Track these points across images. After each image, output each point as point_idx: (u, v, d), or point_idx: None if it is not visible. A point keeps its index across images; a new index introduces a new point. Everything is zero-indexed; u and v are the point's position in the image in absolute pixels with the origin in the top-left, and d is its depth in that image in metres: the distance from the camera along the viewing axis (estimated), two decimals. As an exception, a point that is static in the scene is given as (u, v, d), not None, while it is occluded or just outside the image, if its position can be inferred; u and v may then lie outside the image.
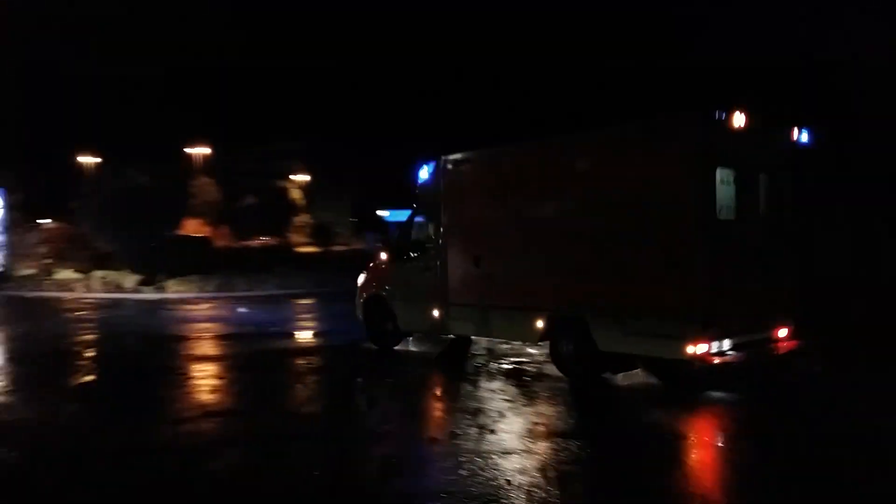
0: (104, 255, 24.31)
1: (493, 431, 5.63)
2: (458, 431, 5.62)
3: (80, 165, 44.62)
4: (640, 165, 6.99)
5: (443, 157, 9.20)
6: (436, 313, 9.16)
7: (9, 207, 22.79)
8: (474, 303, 8.68)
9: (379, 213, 38.09)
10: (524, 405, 6.57)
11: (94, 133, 40.30)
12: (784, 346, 7.41)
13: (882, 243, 12.85)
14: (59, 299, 18.71)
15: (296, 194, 36.17)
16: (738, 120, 6.80)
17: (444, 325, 9.15)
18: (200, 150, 42.99)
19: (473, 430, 5.64)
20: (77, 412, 6.89)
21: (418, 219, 9.91)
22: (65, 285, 21.80)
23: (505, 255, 8.35)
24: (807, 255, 8.41)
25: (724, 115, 6.75)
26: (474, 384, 7.58)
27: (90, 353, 11.02)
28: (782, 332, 7.41)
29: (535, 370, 8.24)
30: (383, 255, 10.39)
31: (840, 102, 15.25)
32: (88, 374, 9.37)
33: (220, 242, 32.20)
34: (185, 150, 42.28)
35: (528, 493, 4.21)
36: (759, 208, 7.38)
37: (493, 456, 4.94)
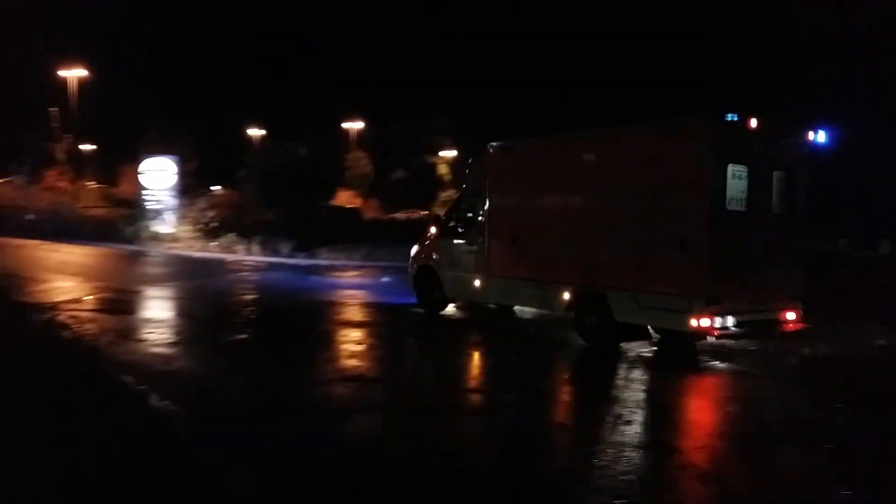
0: (264, 222, 25.85)
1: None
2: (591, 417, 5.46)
3: (248, 137, 47.86)
4: (659, 160, 7.85)
5: (489, 145, 10.21)
6: (478, 283, 10.24)
7: (182, 174, 24.84)
8: (511, 275, 9.73)
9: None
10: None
11: (261, 107, 42.88)
12: (791, 327, 8.17)
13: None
14: (222, 260, 20.15)
15: (443, 170, 36.60)
16: (751, 122, 7.62)
17: (485, 294, 10.30)
18: (355, 125, 44.58)
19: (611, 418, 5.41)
20: (227, 368, 7.21)
21: (466, 199, 11.01)
22: (227, 248, 23.46)
23: (539, 234, 9.37)
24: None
25: (736, 117, 7.50)
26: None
27: (246, 312, 11.71)
28: (790, 315, 8.12)
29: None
30: (433, 230, 11.45)
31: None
32: (242, 331, 9.89)
33: (370, 214, 33.34)
34: (342, 124, 43.99)
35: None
36: (772, 202, 8.18)
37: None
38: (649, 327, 8.29)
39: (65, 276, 14.53)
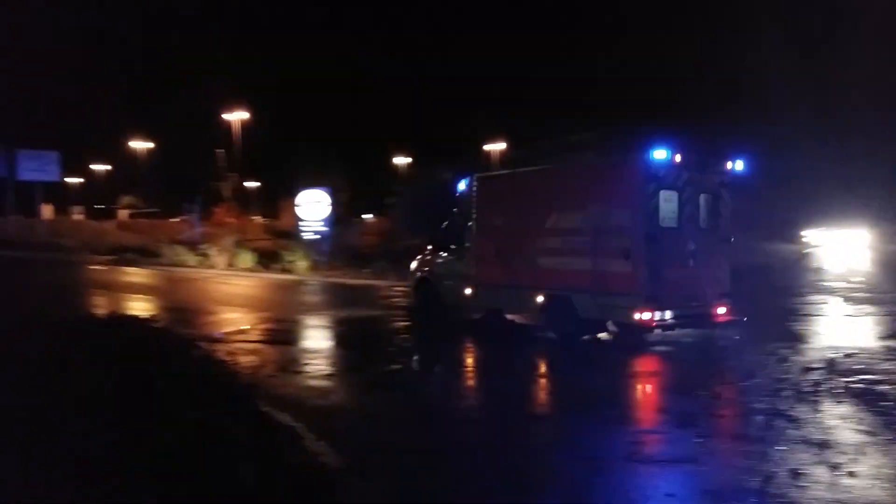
0: (411, 248, 26.25)
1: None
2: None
3: (395, 166, 49.24)
4: (607, 188, 10.07)
5: (475, 174, 12.49)
6: (468, 291, 12.23)
7: (335, 204, 25.87)
8: (495, 284, 11.74)
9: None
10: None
11: (407, 135, 44.01)
12: (720, 319, 10.28)
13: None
14: (373, 286, 20.56)
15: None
16: (677, 157, 9.61)
17: (475, 300, 12.27)
18: (497, 146, 44.56)
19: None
20: (380, 402, 7.07)
21: (457, 220, 12.83)
22: (380, 275, 24.02)
23: (516, 248, 11.32)
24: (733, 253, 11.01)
25: (666, 153, 9.41)
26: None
27: (399, 340, 11.78)
28: (721, 309, 10.25)
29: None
30: (430, 247, 13.66)
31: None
32: (396, 361, 9.84)
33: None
34: (484, 146, 44.14)
35: None
36: (700, 219, 10.31)
37: None
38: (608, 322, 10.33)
39: (231, 307, 15.39)
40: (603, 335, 10.50)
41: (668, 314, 9.62)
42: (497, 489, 4.67)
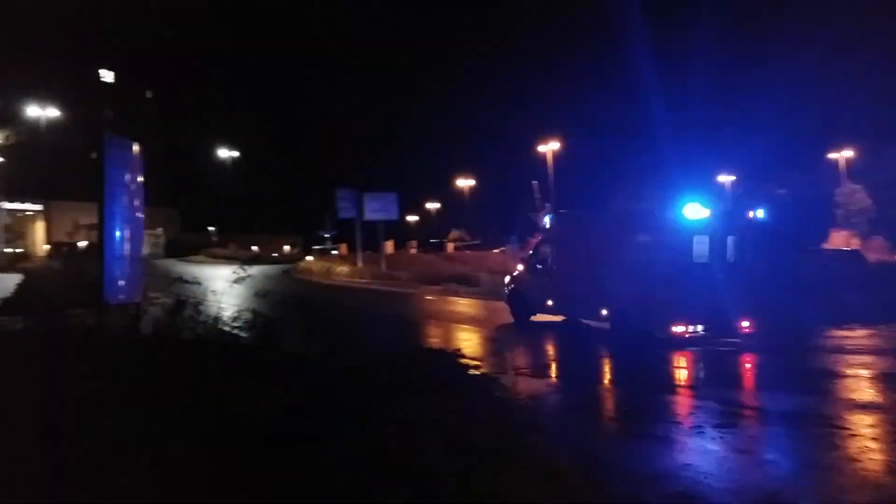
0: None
1: None
2: None
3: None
4: (657, 231, 14.20)
5: (557, 210, 17.34)
6: (549, 302, 16.16)
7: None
8: (572, 300, 15.66)
9: None
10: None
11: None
12: (744, 331, 13.47)
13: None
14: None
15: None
16: (707, 212, 13.35)
17: (555, 308, 16.23)
18: (844, 154, 38.50)
19: None
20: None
21: (542, 245, 17.25)
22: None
23: (587, 271, 15.00)
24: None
25: (699, 209, 13.17)
26: None
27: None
28: (745, 324, 13.46)
29: None
30: (521, 266, 17.92)
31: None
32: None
33: (873, 256, 27.87)
34: (828, 155, 38.45)
35: None
36: (728, 255, 13.90)
37: None
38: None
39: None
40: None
41: (699, 328, 13.20)
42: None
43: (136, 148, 13.05)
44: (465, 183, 72.49)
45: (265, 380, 6.19)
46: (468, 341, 14.98)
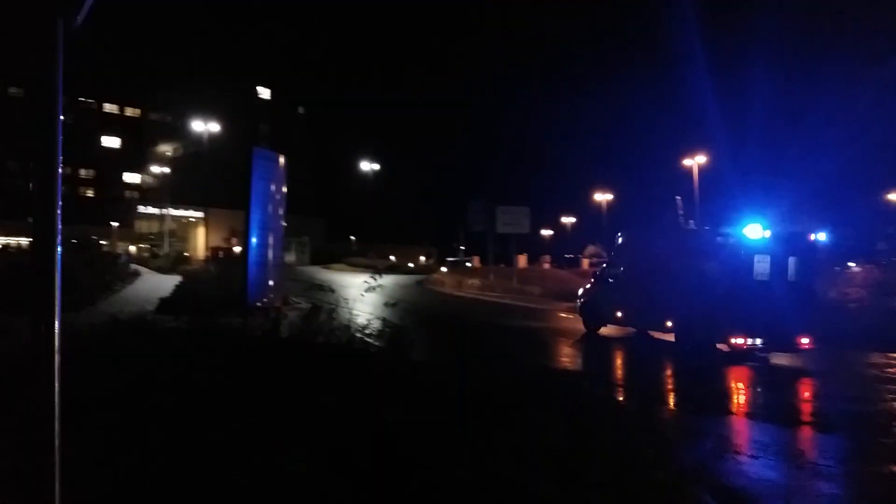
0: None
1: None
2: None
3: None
4: (718, 251, 15.42)
5: (623, 231, 19.12)
6: (619, 314, 17.70)
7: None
8: (639, 313, 17.13)
9: None
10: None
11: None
12: (803, 346, 14.23)
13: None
14: None
15: None
16: (767, 233, 14.56)
17: (624, 319, 17.74)
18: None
19: None
20: None
21: (613, 263, 19.26)
22: None
23: (654, 286, 16.42)
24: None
25: (759, 230, 14.39)
26: None
27: None
28: (805, 340, 14.15)
29: None
30: (592, 281, 19.83)
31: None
32: None
33: None
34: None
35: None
36: (788, 274, 14.97)
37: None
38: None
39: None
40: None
41: (758, 341, 14.06)
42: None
43: (282, 160, 13.73)
44: (602, 197, 70.84)
45: (388, 389, 6.18)
46: (589, 359, 14.46)
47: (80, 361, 7.08)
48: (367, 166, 73.40)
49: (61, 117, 2.02)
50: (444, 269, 57.22)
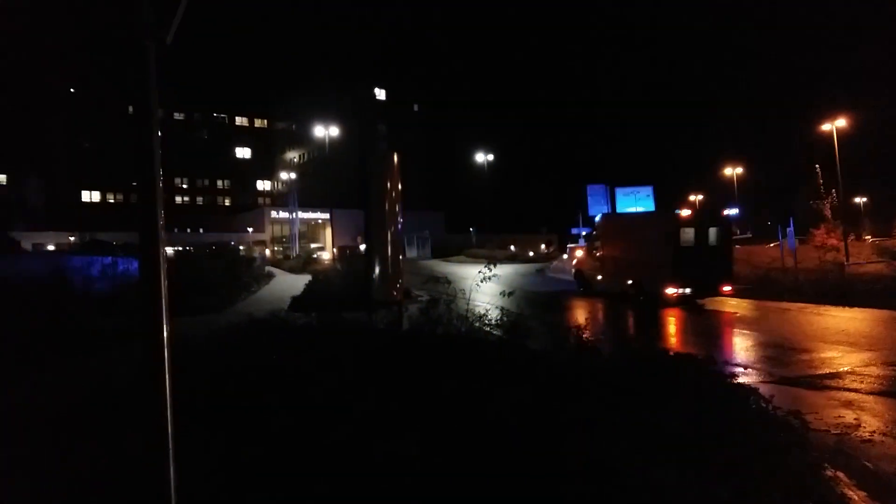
0: None
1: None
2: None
3: None
4: (661, 227, 20.78)
5: (601, 213, 24.99)
6: (599, 278, 23.60)
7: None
8: (610, 275, 22.87)
9: None
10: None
11: None
12: (725, 293, 20.35)
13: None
14: None
15: None
16: (692, 213, 21.12)
17: (602, 284, 23.39)
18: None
19: None
20: None
21: (593, 238, 24.74)
22: None
23: (620, 255, 22.43)
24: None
25: (687, 211, 20.72)
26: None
27: None
28: (726, 288, 20.15)
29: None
30: (581, 252, 26.16)
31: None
32: None
33: None
34: None
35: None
36: (710, 241, 20.47)
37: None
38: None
39: (828, 343, 13.20)
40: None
41: (687, 290, 19.83)
42: None
43: (396, 158, 14.13)
44: (732, 171, 67.17)
45: (503, 376, 6.25)
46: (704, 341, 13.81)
47: (218, 357, 7.65)
48: (482, 157, 73.71)
49: (159, 133, 2.22)
50: (564, 256, 56.35)
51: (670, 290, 19.62)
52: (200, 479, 4.01)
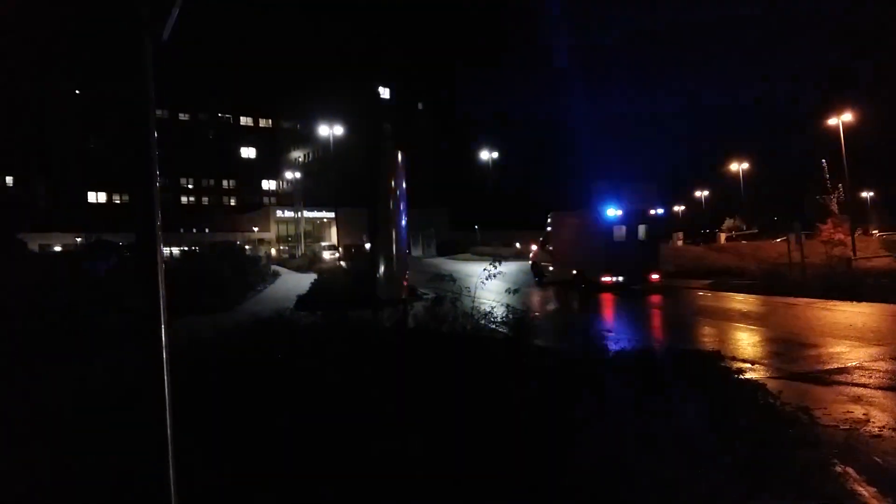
0: None
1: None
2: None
3: None
4: (596, 225, 25.10)
5: (552, 213, 28.84)
6: (551, 269, 27.71)
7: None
8: (560, 266, 27.05)
9: None
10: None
11: None
12: (653, 281, 24.69)
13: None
14: None
15: None
16: (620, 212, 24.77)
17: (553, 275, 27.49)
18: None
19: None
20: None
21: (546, 234, 28.91)
22: None
23: (566, 249, 27.02)
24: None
25: (616, 210, 24.73)
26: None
27: None
28: (655, 276, 24.76)
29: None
30: (536, 247, 30.45)
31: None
32: None
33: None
34: None
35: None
36: (639, 237, 24.89)
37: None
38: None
39: (835, 338, 13.13)
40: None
41: (620, 278, 23.88)
42: None
43: (400, 156, 14.10)
44: (738, 167, 66.93)
45: (509, 374, 6.23)
46: (717, 338, 13.75)
47: (224, 357, 7.65)
48: (487, 155, 73.60)
49: (155, 134, 2.20)
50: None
51: (605, 279, 24.03)
52: (204, 480, 3.99)
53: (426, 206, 66.36)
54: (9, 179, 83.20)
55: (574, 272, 25.45)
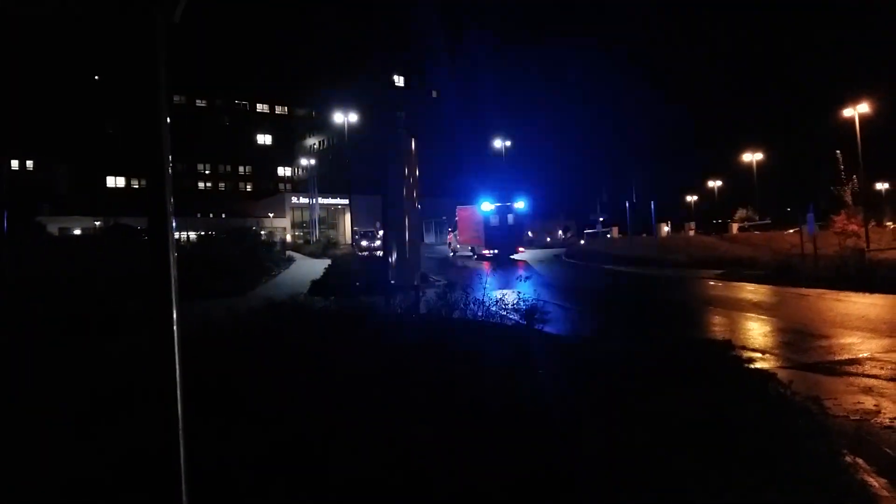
0: None
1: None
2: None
3: None
4: (477, 215, 41.05)
5: (458, 206, 46.26)
6: (457, 246, 45.75)
7: None
8: (462, 244, 44.57)
9: None
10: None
11: None
12: (518, 252, 40.67)
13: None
14: None
15: None
16: (494, 205, 40.22)
17: (458, 250, 45.65)
18: None
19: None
20: None
21: (454, 223, 47.48)
22: None
23: (467, 231, 43.71)
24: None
25: (489, 204, 40.27)
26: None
27: None
28: (521, 249, 41.52)
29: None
30: (451, 231, 49.33)
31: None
32: None
33: None
34: None
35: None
36: (508, 223, 40.40)
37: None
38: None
39: (847, 329, 13.07)
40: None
41: (496, 251, 38.48)
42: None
43: (413, 144, 14.13)
44: (751, 157, 66.30)
45: (517, 362, 6.29)
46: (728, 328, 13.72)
47: (239, 341, 7.76)
48: (500, 143, 73.40)
49: (168, 119, 2.22)
50: (582, 241, 56.27)
51: (486, 252, 38.33)
52: (216, 469, 4.08)
53: (439, 194, 66.33)
54: (29, 163, 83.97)
55: (469, 247, 41.36)
